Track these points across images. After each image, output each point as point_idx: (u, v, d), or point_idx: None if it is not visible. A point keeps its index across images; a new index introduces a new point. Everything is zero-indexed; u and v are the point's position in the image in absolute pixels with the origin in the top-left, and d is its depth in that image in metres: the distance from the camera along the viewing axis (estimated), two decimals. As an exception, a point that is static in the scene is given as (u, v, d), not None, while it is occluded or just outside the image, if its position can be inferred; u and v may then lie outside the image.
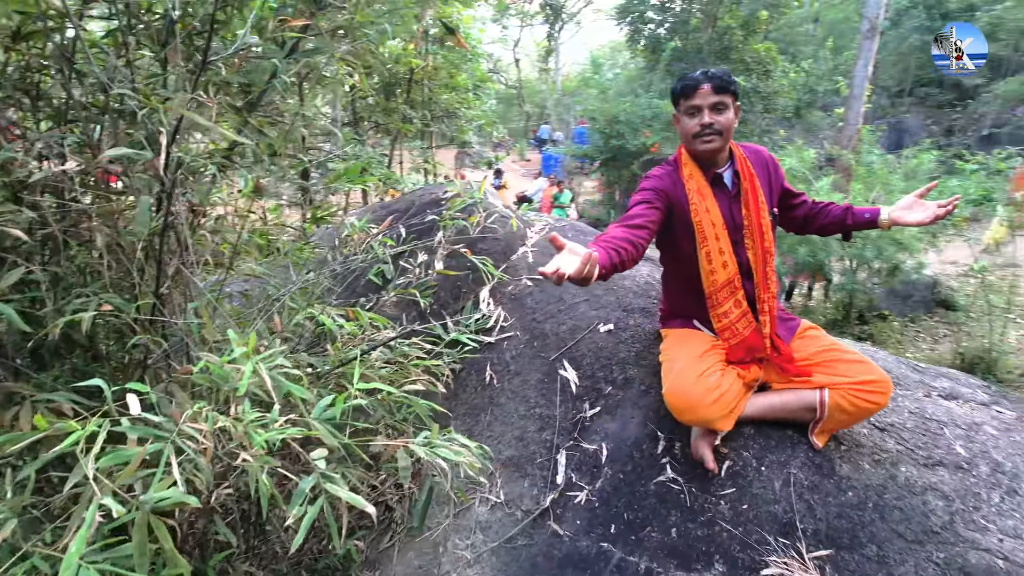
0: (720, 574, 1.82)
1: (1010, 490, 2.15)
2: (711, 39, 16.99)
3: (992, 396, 2.94)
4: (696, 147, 1.98)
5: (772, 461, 1.99)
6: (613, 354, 2.34)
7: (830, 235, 2.26)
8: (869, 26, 11.43)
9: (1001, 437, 2.43)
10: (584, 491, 2.05)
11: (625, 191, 16.38)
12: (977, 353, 7.93)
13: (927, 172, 9.16)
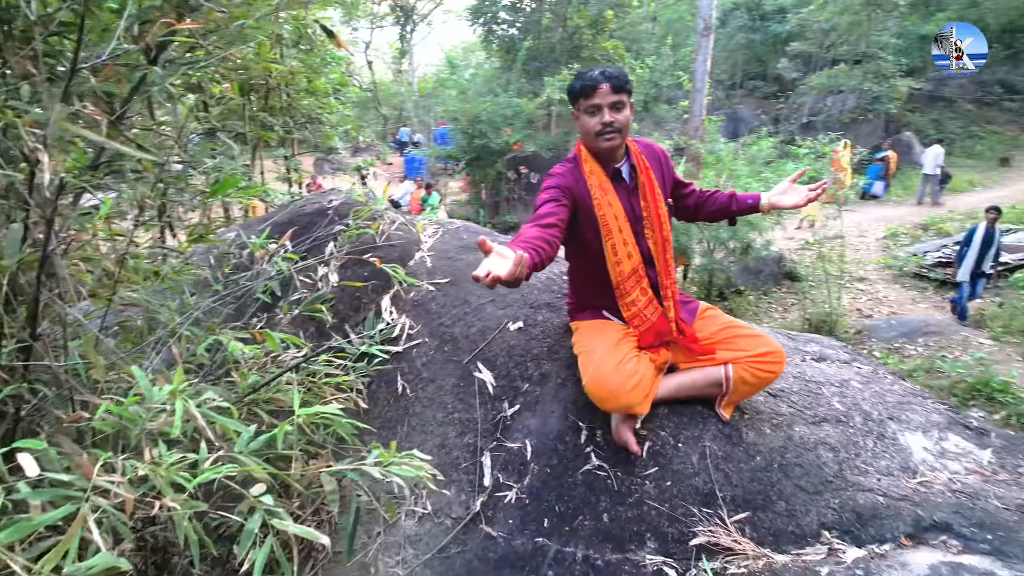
0: (653, 550, 1.90)
1: (879, 435, 2.41)
2: (563, 38, 17.57)
3: (850, 354, 3.29)
4: (598, 145, 2.04)
5: (687, 437, 2.10)
6: (526, 351, 2.36)
7: (717, 221, 2.41)
8: (704, 25, 12.31)
9: (865, 390, 2.73)
10: (513, 490, 2.06)
11: (492, 190, 16.60)
12: (820, 317, 8.81)
13: (766, 157, 10.07)
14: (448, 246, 2.91)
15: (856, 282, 10.72)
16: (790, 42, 25.48)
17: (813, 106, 23.63)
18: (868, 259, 11.98)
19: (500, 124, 14.78)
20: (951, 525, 2.04)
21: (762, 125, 21.15)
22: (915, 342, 8.28)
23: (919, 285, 10.58)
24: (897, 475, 2.23)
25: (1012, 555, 1.93)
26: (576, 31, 17.88)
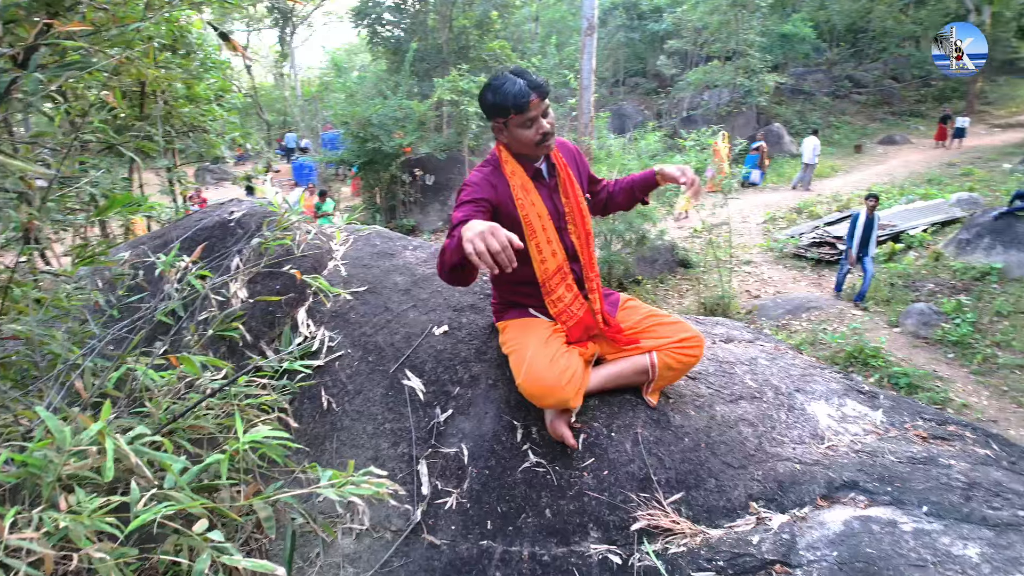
0: (597, 539, 1.93)
1: (789, 407, 2.58)
2: (450, 39, 17.54)
3: (753, 334, 3.49)
4: (539, 152, 2.04)
5: (620, 425, 2.16)
6: (454, 355, 2.34)
7: (630, 207, 2.50)
8: (588, 25, 12.65)
9: (772, 366, 2.91)
10: (453, 495, 2.04)
11: (387, 194, 16.35)
12: (714, 300, 9.30)
13: (655, 151, 10.53)
14: (362, 253, 2.83)
15: (743, 265, 11.40)
16: (667, 40, 26.76)
17: (692, 100, 24.91)
18: (752, 243, 12.78)
19: (391, 127, 14.59)
20: (857, 483, 2.21)
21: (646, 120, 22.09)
22: (799, 318, 8.92)
23: (798, 265, 11.40)
24: (808, 442, 2.39)
25: (909, 503, 2.11)
26: (463, 32, 17.93)
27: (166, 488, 1.27)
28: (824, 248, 11.44)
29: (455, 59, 17.48)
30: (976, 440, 2.63)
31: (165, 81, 6.48)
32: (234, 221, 2.85)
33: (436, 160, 16.04)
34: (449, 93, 14.44)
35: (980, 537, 1.94)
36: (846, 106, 26.15)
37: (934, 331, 8.31)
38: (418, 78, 17.25)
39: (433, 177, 16.54)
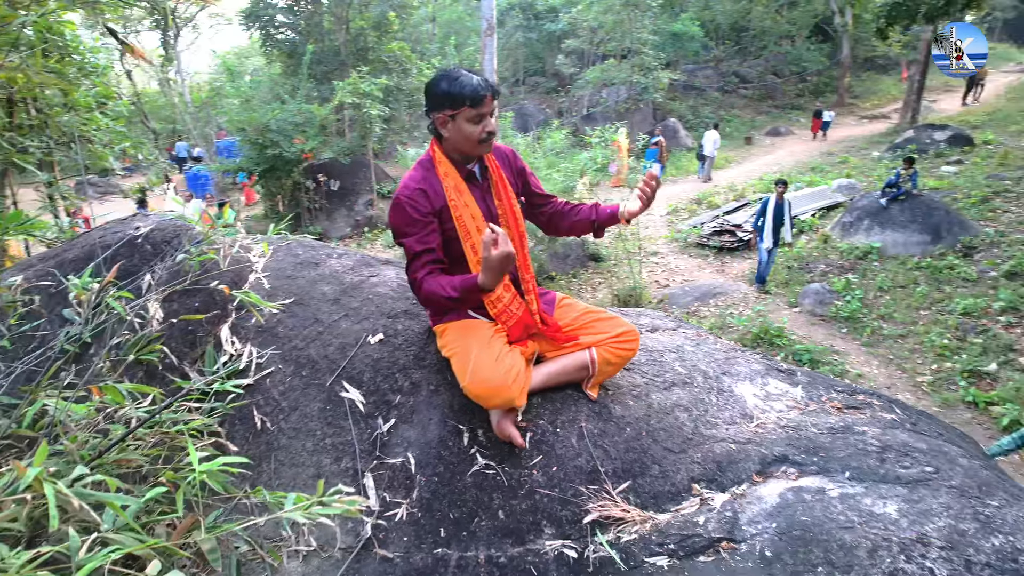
0: (551, 536, 1.94)
1: (718, 390, 2.69)
2: (347, 41, 17.15)
3: (675, 322, 3.62)
4: (479, 151, 2.03)
5: (564, 421, 2.18)
6: (392, 363, 2.28)
7: (581, 233, 2.45)
8: (487, 25, 12.69)
9: (697, 351, 3.02)
10: (403, 506, 1.99)
11: (290, 201, 15.80)
12: (626, 292, 9.57)
13: (561, 148, 10.72)
14: (284, 264, 2.72)
15: (651, 256, 11.80)
16: (564, 40, 27.31)
17: (591, 98, 25.54)
18: (657, 235, 13.25)
19: (292, 132, 14.11)
20: (787, 456, 2.33)
21: (548, 119, 22.47)
22: (707, 304, 9.33)
23: (702, 253, 11.92)
24: (739, 422, 2.50)
25: (833, 470, 2.25)
26: (360, 33, 17.57)
27: (103, 531, 1.17)
28: (725, 236, 12.03)
29: (354, 61, 17.12)
30: (882, 407, 2.83)
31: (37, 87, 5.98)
32: (141, 237, 2.67)
33: (341, 165, 15.65)
34: (350, 96, 14.12)
35: (896, 495, 2.08)
36: (735, 100, 27.60)
37: (828, 308, 8.92)
38: (316, 81, 16.76)
39: (338, 182, 16.13)
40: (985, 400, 6.57)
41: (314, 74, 16.44)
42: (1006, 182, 12.13)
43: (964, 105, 23.42)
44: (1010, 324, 7.84)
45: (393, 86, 16.33)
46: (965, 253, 9.82)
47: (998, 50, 32.54)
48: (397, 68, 17.29)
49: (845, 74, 26.93)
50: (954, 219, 10.41)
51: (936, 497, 2.06)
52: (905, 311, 8.67)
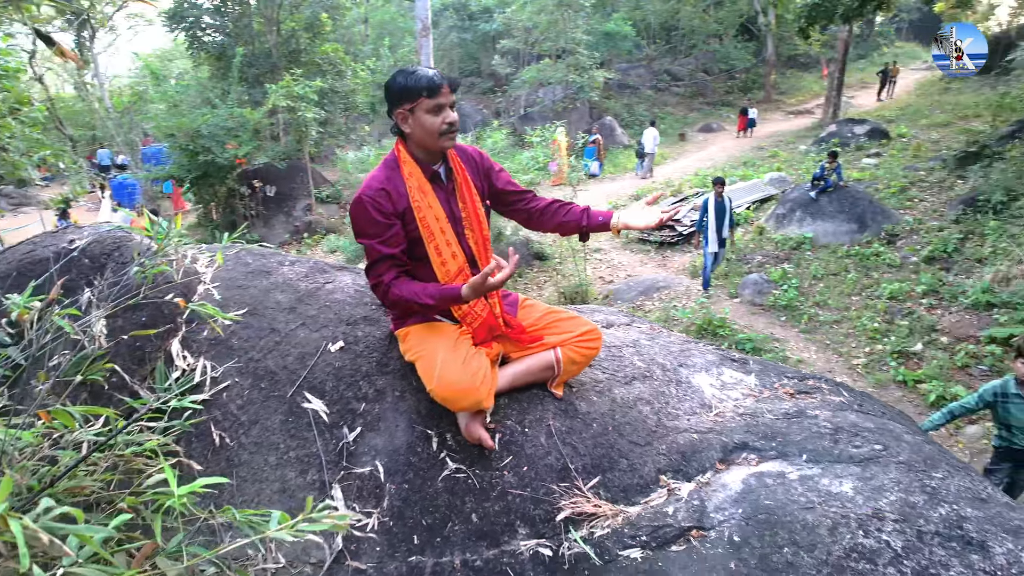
0: (526, 535, 1.94)
1: (677, 381, 2.74)
2: (278, 43, 16.72)
3: (628, 317, 3.67)
4: (442, 144, 2.00)
5: (533, 420, 2.18)
6: (355, 370, 2.24)
7: (568, 234, 2.36)
8: (422, 26, 12.61)
9: (653, 345, 3.08)
10: (374, 515, 1.96)
11: (224, 208, 15.29)
12: (573, 289, 9.67)
13: (503, 148, 10.74)
14: (234, 274, 2.62)
15: (594, 253, 11.95)
16: (499, 40, 27.38)
17: (528, 98, 25.69)
18: (599, 232, 13.40)
19: (224, 137, 13.65)
20: (747, 443, 2.40)
21: (487, 119, 22.48)
22: (651, 297, 9.51)
23: (643, 248, 12.15)
24: (699, 412, 2.56)
25: (792, 454, 2.33)
26: (292, 35, 17.16)
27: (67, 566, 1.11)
28: (664, 231, 12.29)
29: (287, 64, 16.70)
30: (831, 390, 2.95)
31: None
32: (78, 251, 2.53)
33: (277, 170, 15.25)
34: (284, 99, 13.77)
35: (850, 474, 2.17)
36: (667, 98, 28.25)
37: (767, 298, 9.23)
38: (248, 84, 16.26)
39: (275, 188, 15.71)
40: (914, 379, 6.93)
41: (245, 77, 15.96)
42: (920, 172, 12.83)
43: (879, 101, 24.66)
44: (932, 306, 8.30)
45: (328, 88, 16.02)
46: (889, 240, 10.33)
47: (906, 49, 34.50)
48: (331, 70, 16.97)
49: (771, 72, 27.96)
50: (877, 208, 10.94)
51: (887, 473, 2.16)
52: (838, 297, 9.06)
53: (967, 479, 2.18)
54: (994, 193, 10.04)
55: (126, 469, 1.68)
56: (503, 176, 2.32)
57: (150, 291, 2.32)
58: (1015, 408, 4.08)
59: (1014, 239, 8.77)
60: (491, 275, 1.85)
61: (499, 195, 2.32)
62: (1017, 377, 4.07)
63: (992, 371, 6.71)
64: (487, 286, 1.85)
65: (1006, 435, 4.22)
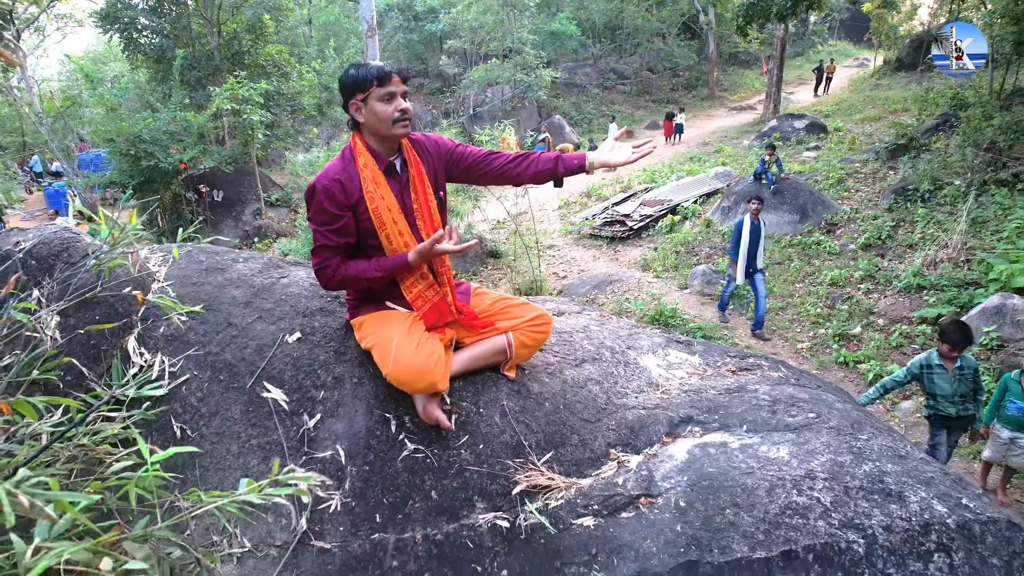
0: (484, 509, 2.04)
1: (625, 363, 2.88)
2: (220, 45, 16.38)
3: (579, 306, 3.80)
4: (395, 131, 2.07)
5: (487, 401, 2.27)
6: (312, 359, 2.29)
7: (543, 181, 2.34)
8: (368, 27, 12.55)
9: (602, 330, 3.21)
10: (336, 497, 2.02)
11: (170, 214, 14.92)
12: (527, 285, 9.80)
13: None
14: (187, 271, 2.64)
15: (547, 250, 12.12)
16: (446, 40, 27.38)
17: (476, 98, 25.77)
18: (552, 228, 13.61)
19: (167, 142, 13.33)
20: (692, 417, 2.54)
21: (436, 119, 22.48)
22: (604, 291, 9.71)
23: (595, 243, 12.37)
24: (647, 390, 2.70)
25: (733, 425, 2.48)
26: (234, 37, 16.84)
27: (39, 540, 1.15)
28: (615, 226, 12.55)
29: (229, 66, 16.38)
30: (771, 367, 3.13)
31: None
32: (24, 252, 2.51)
33: (224, 174, 14.97)
34: (229, 102, 13.52)
35: (786, 440, 2.33)
36: (615, 96, 28.73)
37: (715, 288, 9.53)
38: (190, 88, 15.90)
39: (222, 192, 15.42)
40: (853, 359, 7.28)
41: (187, 80, 15.59)
42: (856, 164, 13.41)
43: (816, 97, 25.57)
44: (869, 290, 8.71)
45: (273, 91, 15.78)
46: (828, 229, 10.78)
47: (839, 47, 35.83)
48: (276, 72, 16.73)
49: (713, 69, 28.71)
50: (817, 199, 11.40)
51: (819, 438, 2.33)
52: (783, 285, 9.42)
53: (889, 439, 2.36)
54: (922, 182, 10.59)
55: (87, 459, 1.71)
56: (466, 149, 2.35)
57: (102, 291, 2.34)
58: (938, 378, 4.43)
59: (940, 225, 9.28)
60: (438, 241, 1.96)
61: (470, 168, 2.33)
62: (939, 352, 4.48)
63: (923, 348, 7.11)
64: (433, 252, 1.95)
65: (933, 403, 4.58)
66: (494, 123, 12.38)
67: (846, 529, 1.93)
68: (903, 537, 1.92)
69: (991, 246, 8.20)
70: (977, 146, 10.58)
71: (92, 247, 2.27)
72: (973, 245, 8.41)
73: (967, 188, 9.96)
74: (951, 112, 13.66)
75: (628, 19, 29.90)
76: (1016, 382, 4.48)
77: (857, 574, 1.86)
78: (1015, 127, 10.67)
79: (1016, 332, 6.38)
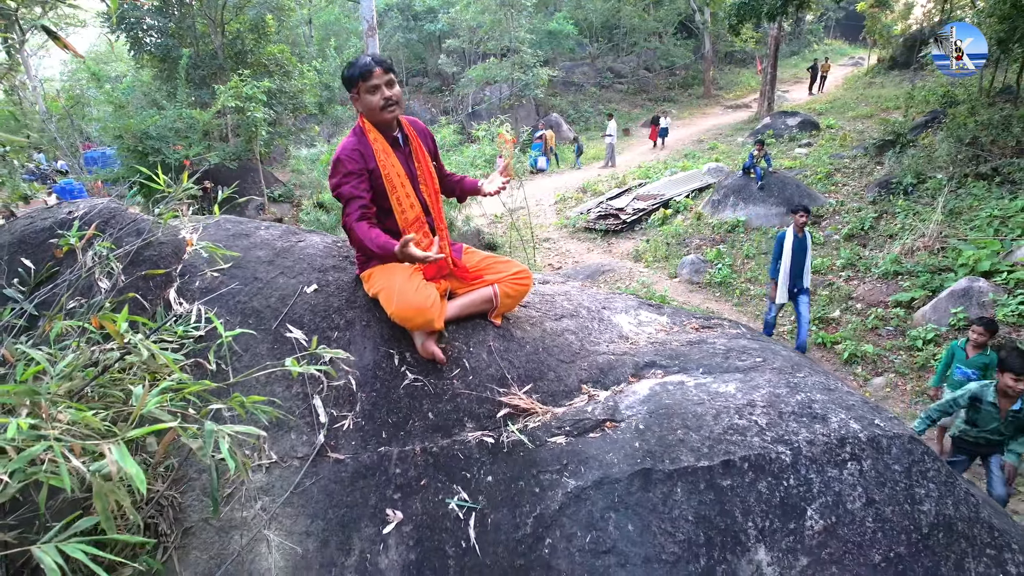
0: (472, 428, 2.42)
1: (599, 320, 3.26)
2: (224, 44, 16.76)
3: (564, 277, 4.19)
4: (384, 117, 2.47)
5: (476, 341, 2.66)
6: (328, 306, 2.68)
7: (464, 200, 3.13)
8: (368, 26, 12.93)
9: (581, 294, 3.59)
10: (349, 417, 2.41)
11: (175, 210, 15.28)
12: (523, 274, 10.15)
13: (452, 144, 11.20)
14: (217, 237, 3.03)
15: (543, 243, 12.51)
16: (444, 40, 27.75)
17: (475, 96, 26.15)
18: (547, 222, 14.00)
19: (173, 139, 13.72)
20: (655, 362, 2.92)
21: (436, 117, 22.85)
22: (597, 281, 10.10)
23: (590, 237, 12.76)
24: (617, 341, 3.08)
25: (691, 368, 2.85)
26: (237, 36, 17.23)
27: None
28: (609, 220, 12.94)
29: (233, 65, 16.77)
30: (731, 326, 3.51)
31: None
32: (77, 219, 2.90)
33: (228, 170, 15.35)
34: (233, 100, 13.91)
35: (735, 379, 2.71)
36: (612, 95, 29.11)
37: (703, 276, 9.92)
38: (195, 86, 16.29)
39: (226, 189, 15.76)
40: (831, 340, 7.66)
41: (192, 79, 15.98)
42: (845, 160, 13.79)
43: (810, 95, 25.96)
44: (849, 277, 9.10)
45: (276, 89, 16.17)
46: (815, 221, 11.16)
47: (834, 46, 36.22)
48: (278, 71, 17.11)
49: (709, 68, 29.09)
50: (804, 192, 11.77)
51: (762, 376, 2.71)
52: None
53: (822, 377, 2.75)
54: (905, 176, 10.98)
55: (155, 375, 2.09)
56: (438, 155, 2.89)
57: (147, 248, 2.73)
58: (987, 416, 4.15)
59: (919, 216, 9.67)
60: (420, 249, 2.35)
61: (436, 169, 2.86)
62: (998, 387, 4.07)
63: (896, 331, 7.49)
64: (412, 257, 2.26)
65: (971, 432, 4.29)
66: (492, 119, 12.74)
67: (776, 444, 2.31)
68: (823, 449, 2.30)
69: (964, 234, 8.59)
70: (960, 141, 10.96)
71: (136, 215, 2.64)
72: (948, 234, 8.80)
73: (947, 181, 10.35)
74: (940, 109, 14.06)
75: (625, 18, 30.32)
76: (962, 349, 4.86)
77: (784, 478, 2.24)
78: (997, 123, 11.05)
79: (981, 312, 6.76)
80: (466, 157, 11.62)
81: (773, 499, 2.19)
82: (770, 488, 2.21)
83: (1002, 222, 8.56)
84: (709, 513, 2.17)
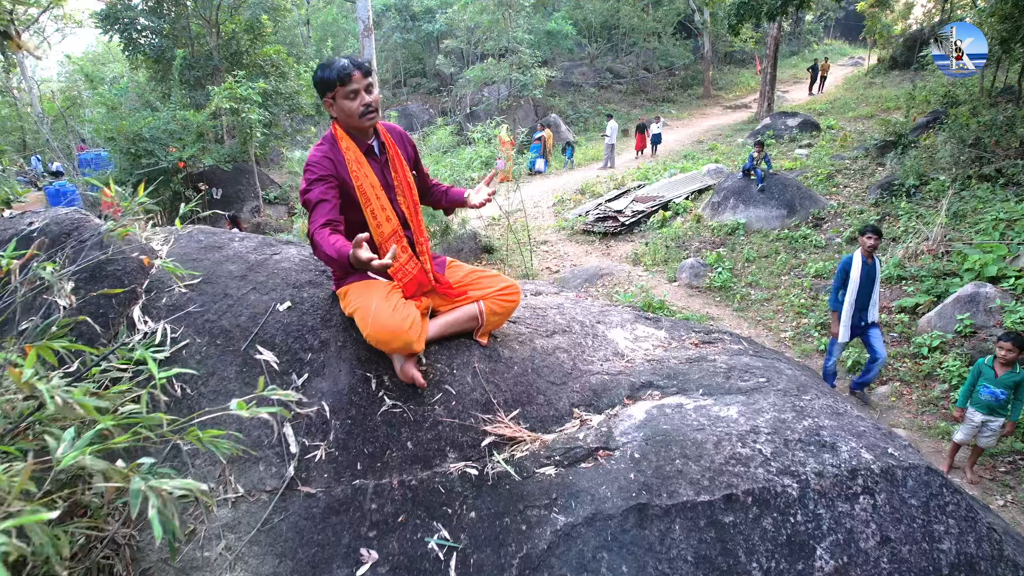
0: (455, 459, 2.25)
1: (593, 335, 3.09)
2: (219, 45, 16.59)
3: (557, 288, 4.02)
4: (362, 124, 2.29)
5: (460, 363, 2.49)
6: (301, 326, 2.51)
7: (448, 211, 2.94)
8: (364, 26, 12.77)
9: (576, 307, 3.42)
10: (321, 447, 2.24)
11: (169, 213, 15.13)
12: (520, 279, 10.01)
13: (448, 145, 11.02)
14: (187, 249, 2.86)
15: (541, 245, 12.33)
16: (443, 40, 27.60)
17: (473, 97, 25.99)
18: (545, 224, 13.83)
19: (167, 140, 13.56)
20: (652, 382, 2.75)
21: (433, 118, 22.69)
22: (595, 284, 9.93)
23: (588, 239, 12.59)
24: (612, 359, 2.91)
25: (690, 389, 2.69)
26: (233, 37, 17.07)
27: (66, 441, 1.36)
28: (608, 222, 12.77)
29: (228, 66, 16.61)
30: (732, 340, 3.34)
31: None
32: (37, 231, 2.73)
33: (223, 172, 15.20)
34: (228, 101, 13.75)
35: (737, 401, 2.54)
36: (611, 95, 28.95)
37: (703, 280, 9.75)
38: (189, 87, 16.12)
39: (221, 190, 15.64)
40: (834, 348, 7.49)
41: (186, 80, 15.82)
42: (845, 161, 13.62)
43: (810, 95, 25.80)
44: (852, 282, 8.92)
45: (271, 90, 16.01)
46: (815, 224, 10.99)
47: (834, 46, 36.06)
48: (274, 72, 16.95)
49: (708, 68, 28.94)
50: (805, 194, 11.60)
51: (766, 399, 2.54)
52: (768, 277, 9.63)
53: (830, 399, 2.58)
54: (907, 178, 10.81)
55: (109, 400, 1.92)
56: (420, 161, 2.71)
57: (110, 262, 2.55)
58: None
59: (922, 219, 9.49)
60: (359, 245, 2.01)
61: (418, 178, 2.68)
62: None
63: (901, 337, 7.32)
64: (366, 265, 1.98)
65: None
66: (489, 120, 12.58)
67: (782, 475, 2.14)
68: (832, 481, 2.13)
69: (969, 238, 8.42)
70: (962, 142, 10.79)
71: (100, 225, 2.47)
72: (952, 237, 8.62)
73: (951, 183, 10.17)
74: (941, 109, 13.88)
75: (624, 19, 30.15)
76: (989, 367, 4.68)
77: (791, 514, 2.07)
78: (1000, 123, 10.88)
79: (988, 319, 6.59)
80: (462, 160, 11.45)
81: (779, 537, 2.02)
82: (776, 525, 2.04)
83: (1008, 225, 8.38)
84: (710, 553, 2.00)
